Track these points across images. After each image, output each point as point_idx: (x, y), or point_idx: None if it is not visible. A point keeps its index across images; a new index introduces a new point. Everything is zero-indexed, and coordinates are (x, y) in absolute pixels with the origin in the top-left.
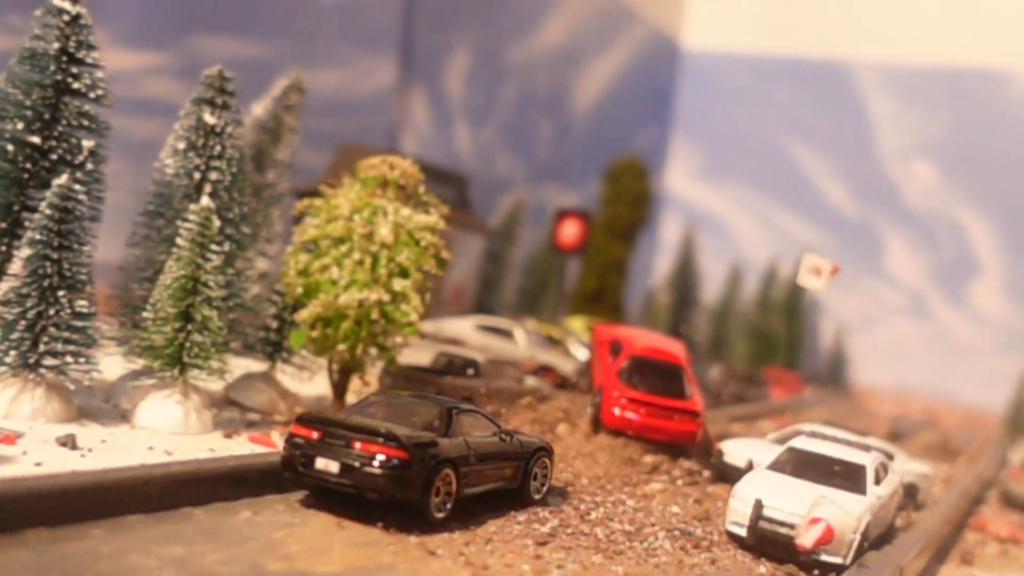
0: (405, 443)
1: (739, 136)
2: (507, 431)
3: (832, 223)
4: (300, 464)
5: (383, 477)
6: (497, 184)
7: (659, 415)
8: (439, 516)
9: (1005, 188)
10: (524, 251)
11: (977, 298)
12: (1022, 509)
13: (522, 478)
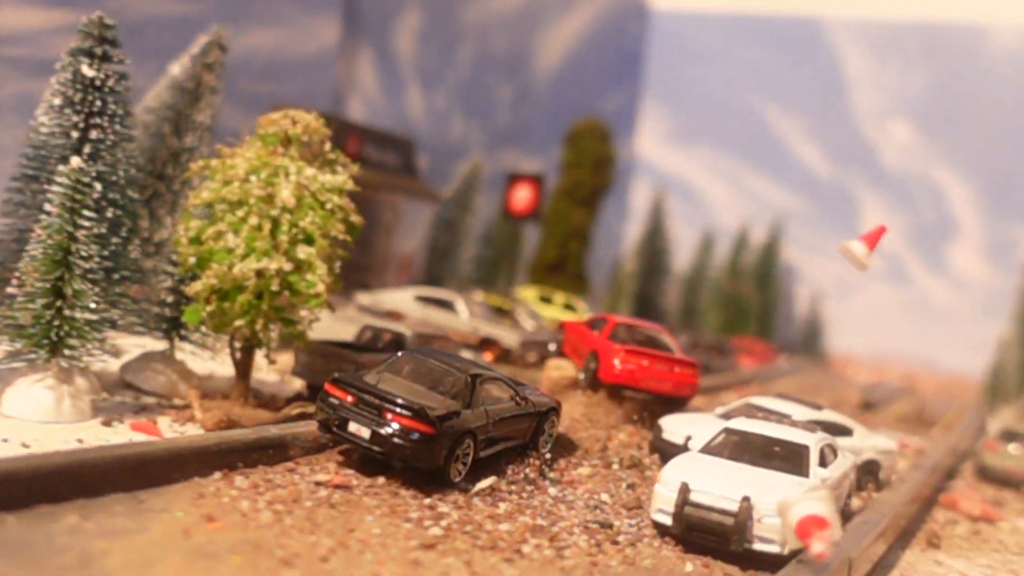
0: (432, 419)
1: (710, 98)
2: (523, 395)
3: (806, 186)
4: (335, 425)
5: (410, 449)
6: (453, 150)
7: (660, 366)
8: (456, 480)
9: (984, 146)
10: (481, 219)
11: (956, 261)
12: (998, 482)
13: (533, 435)
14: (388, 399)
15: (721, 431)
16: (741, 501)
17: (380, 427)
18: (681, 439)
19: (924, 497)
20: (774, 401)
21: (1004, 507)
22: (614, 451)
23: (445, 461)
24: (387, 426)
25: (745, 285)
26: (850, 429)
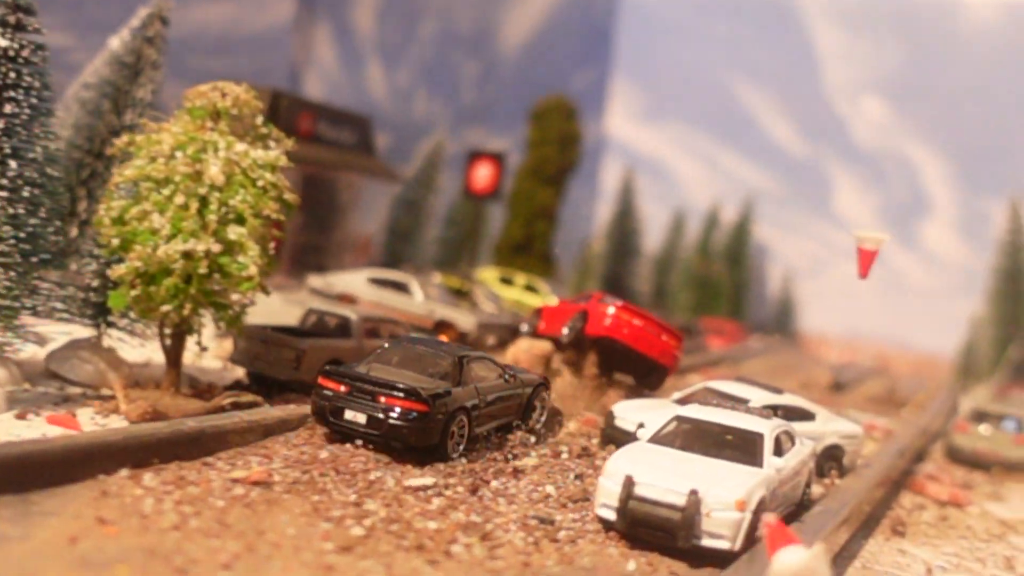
0: (424, 397)
1: (681, 75)
2: (511, 372)
3: (778, 163)
4: (330, 415)
5: (406, 428)
6: (417, 128)
7: (650, 329)
8: (454, 456)
9: (958, 122)
10: (445, 199)
11: (929, 239)
12: (968, 464)
13: (524, 412)
14: (381, 384)
15: (672, 419)
16: (689, 495)
17: (375, 411)
18: (633, 426)
19: (891, 481)
20: (733, 385)
21: (974, 490)
22: (565, 439)
23: (441, 438)
24: (382, 409)
25: (716, 265)
26: (812, 413)
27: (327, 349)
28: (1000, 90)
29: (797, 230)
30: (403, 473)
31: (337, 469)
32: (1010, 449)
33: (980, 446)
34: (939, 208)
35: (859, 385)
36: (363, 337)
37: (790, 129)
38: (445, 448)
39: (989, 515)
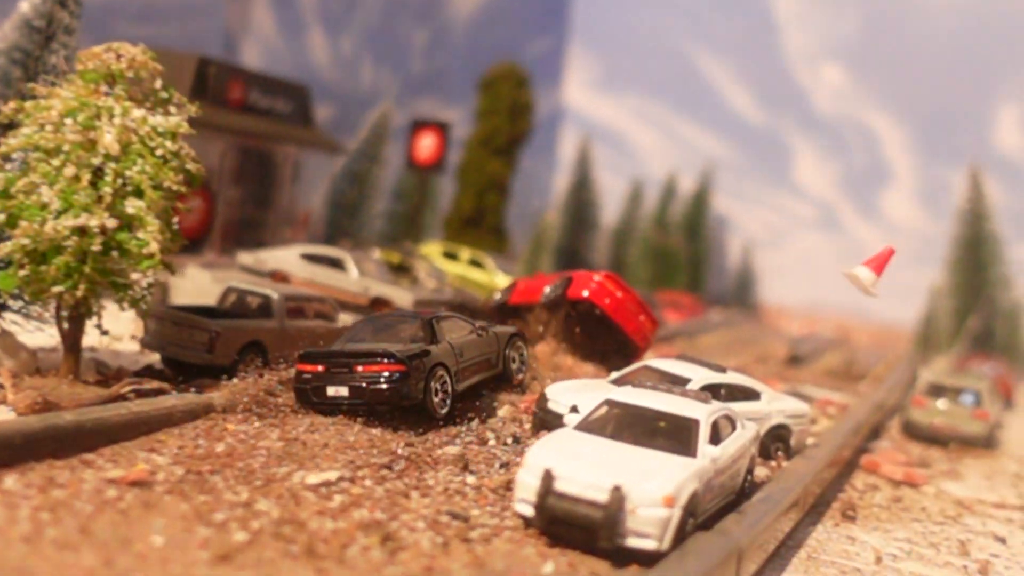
0: (400, 357)
1: (639, 43)
2: (482, 327)
3: (737, 132)
4: (313, 395)
5: (388, 390)
6: (363, 98)
7: (631, 305)
8: (443, 412)
9: (918, 89)
10: (392, 171)
11: (889, 207)
12: (925, 440)
13: (503, 364)
14: (356, 354)
15: (602, 403)
16: (612, 491)
17: (356, 382)
18: (566, 409)
19: (844, 461)
20: (674, 363)
21: (930, 467)
22: (496, 424)
23: (425, 397)
24: (362, 378)
25: (673, 237)
26: (756, 392)
27: (244, 331)
28: (961, 56)
29: (757, 200)
30: (308, 467)
31: (233, 464)
32: (968, 424)
33: (937, 421)
34: (899, 176)
35: (817, 358)
36: (286, 317)
37: (749, 98)
38: (430, 406)
39: (945, 495)
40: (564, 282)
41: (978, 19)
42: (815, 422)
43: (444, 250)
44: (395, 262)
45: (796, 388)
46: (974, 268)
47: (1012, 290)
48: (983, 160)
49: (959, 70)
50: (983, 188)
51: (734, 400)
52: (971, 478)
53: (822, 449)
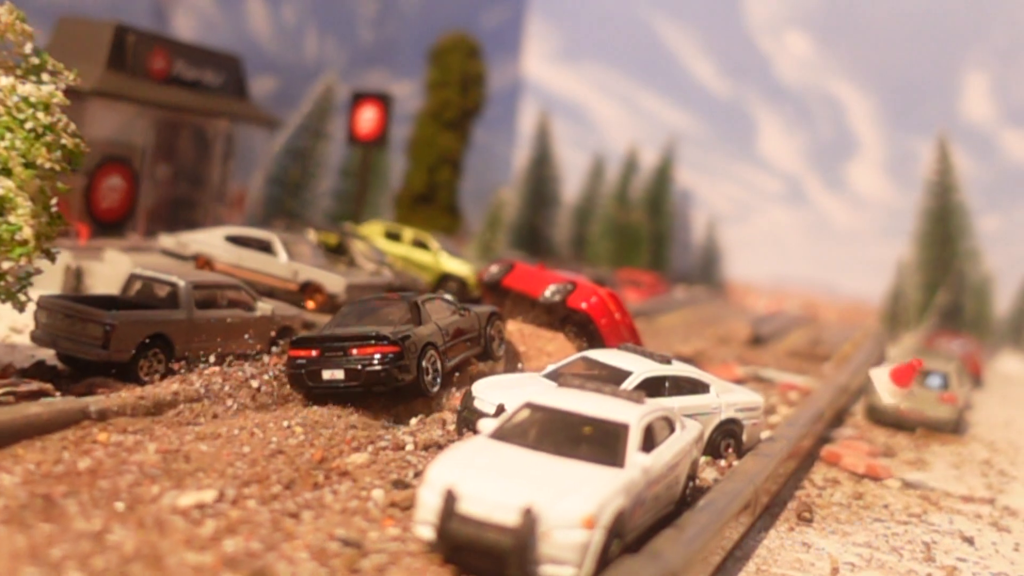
0: (394, 338)
1: (599, 12)
2: (463, 307)
3: (701, 104)
4: (309, 379)
5: (384, 371)
6: (307, 71)
7: (624, 328)
8: (434, 390)
9: (884, 57)
10: (339, 147)
11: (856, 179)
12: (890, 426)
13: (485, 343)
14: (350, 338)
15: (521, 406)
16: (522, 512)
17: (352, 364)
18: (492, 408)
19: (804, 451)
20: (614, 354)
21: (895, 457)
22: (415, 426)
23: (418, 376)
24: (357, 361)
25: (635, 213)
26: (705, 384)
27: (145, 323)
28: (928, 24)
29: (721, 174)
30: (186, 485)
31: (95, 484)
32: (935, 408)
33: (903, 406)
34: (866, 147)
35: (781, 337)
36: (195, 307)
37: (712, 68)
38: (423, 386)
39: (910, 488)
40: (566, 288)
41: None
42: (774, 412)
43: (386, 230)
44: (332, 244)
45: (757, 372)
46: (942, 241)
47: (981, 263)
48: (951, 130)
49: (926, 38)
50: (951, 158)
51: (680, 394)
52: (938, 467)
53: (777, 444)
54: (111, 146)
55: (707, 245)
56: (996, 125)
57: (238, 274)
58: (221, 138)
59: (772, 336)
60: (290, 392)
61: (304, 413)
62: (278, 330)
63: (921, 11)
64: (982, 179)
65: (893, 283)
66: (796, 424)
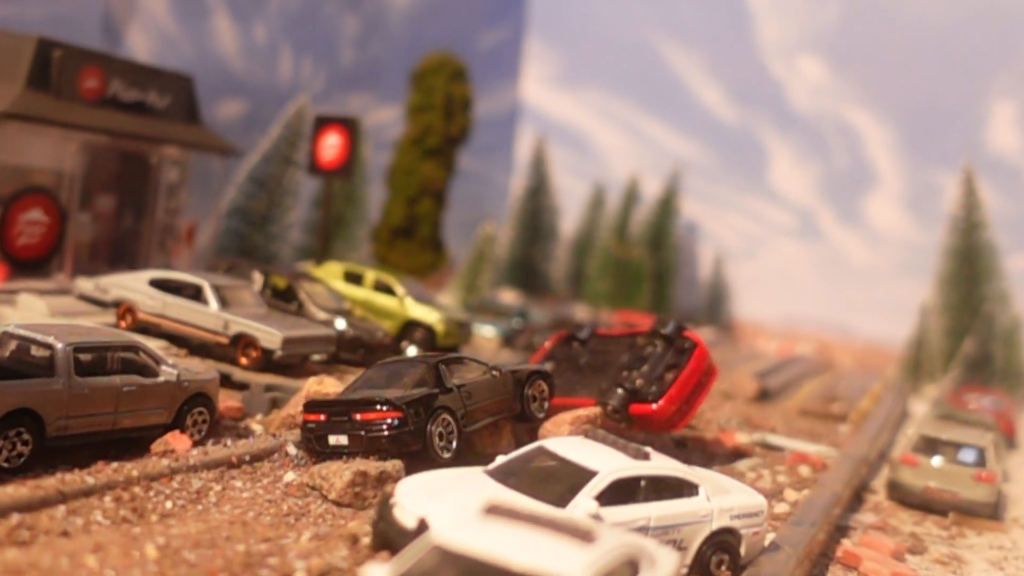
0: (398, 404)
1: (601, 35)
2: (497, 366)
3: (708, 131)
4: (317, 444)
5: (386, 437)
6: (280, 94)
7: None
8: (445, 456)
9: (903, 83)
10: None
11: (873, 213)
12: (917, 507)
13: (520, 404)
14: (354, 403)
15: (429, 548)
16: None
17: (354, 430)
18: (413, 520)
19: (817, 549)
20: (579, 445)
21: (924, 554)
22: (315, 544)
23: (425, 444)
24: (360, 426)
25: (636, 248)
26: (692, 485)
27: (5, 395)
28: (951, 48)
29: (729, 206)
30: None
31: None
32: (970, 488)
33: (932, 485)
34: (884, 180)
35: (792, 390)
36: (74, 374)
37: (721, 94)
38: (433, 450)
39: None
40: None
41: (970, 6)
42: (781, 497)
43: (346, 271)
44: (281, 287)
45: (764, 438)
46: (969, 282)
47: (1011, 307)
48: (976, 162)
49: (949, 63)
50: (977, 193)
51: (660, 498)
52: (976, 567)
53: (780, 558)
54: (30, 175)
55: (714, 282)
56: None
57: (163, 324)
58: (167, 166)
59: (781, 389)
60: (176, 498)
61: (177, 530)
62: (188, 398)
63: (944, 34)
64: (1010, 214)
65: (915, 328)
66: (805, 524)
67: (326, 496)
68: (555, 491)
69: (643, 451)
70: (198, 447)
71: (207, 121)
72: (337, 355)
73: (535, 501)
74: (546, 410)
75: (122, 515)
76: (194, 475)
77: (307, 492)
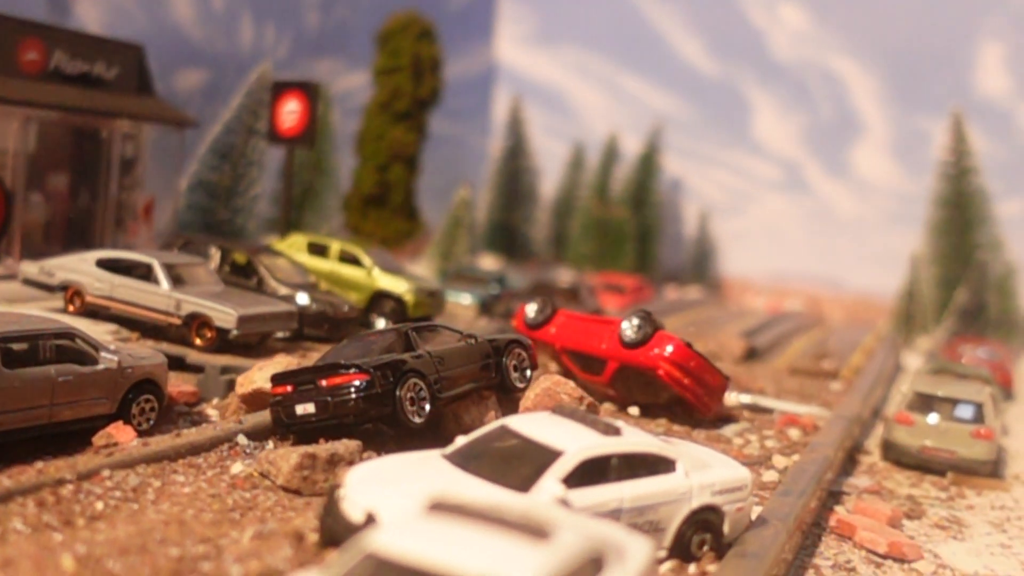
0: (363, 366)
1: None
2: (472, 334)
3: (689, 86)
4: (284, 416)
5: (354, 401)
6: (242, 62)
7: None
8: (416, 421)
9: (887, 28)
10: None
11: (861, 164)
12: (913, 467)
13: (500, 373)
14: (319, 369)
15: (360, 555)
16: None
17: (320, 396)
18: (361, 514)
19: (808, 518)
20: (545, 422)
21: (922, 518)
22: (256, 545)
23: (395, 407)
24: (326, 392)
25: (617, 207)
26: (669, 461)
27: None
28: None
29: (713, 161)
30: None
31: None
32: (968, 446)
33: (929, 444)
34: (871, 128)
35: (782, 348)
36: (0, 366)
37: (701, 46)
38: (404, 415)
39: (944, 572)
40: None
41: None
42: (769, 463)
43: (310, 243)
44: (241, 263)
45: (753, 400)
46: (960, 230)
47: (1004, 254)
48: (965, 107)
49: (935, 4)
50: (966, 138)
51: (634, 476)
52: (978, 530)
53: (767, 534)
54: None
55: (699, 239)
56: (1014, 100)
57: (113, 307)
58: (120, 140)
59: (770, 348)
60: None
61: (104, 535)
62: (133, 385)
63: None
64: (1001, 159)
65: (906, 279)
66: (794, 494)
67: (275, 482)
68: (519, 475)
69: (614, 426)
70: (144, 438)
71: (165, 93)
72: (301, 332)
73: (496, 488)
74: (528, 379)
75: (45, 521)
76: (131, 471)
77: (255, 484)
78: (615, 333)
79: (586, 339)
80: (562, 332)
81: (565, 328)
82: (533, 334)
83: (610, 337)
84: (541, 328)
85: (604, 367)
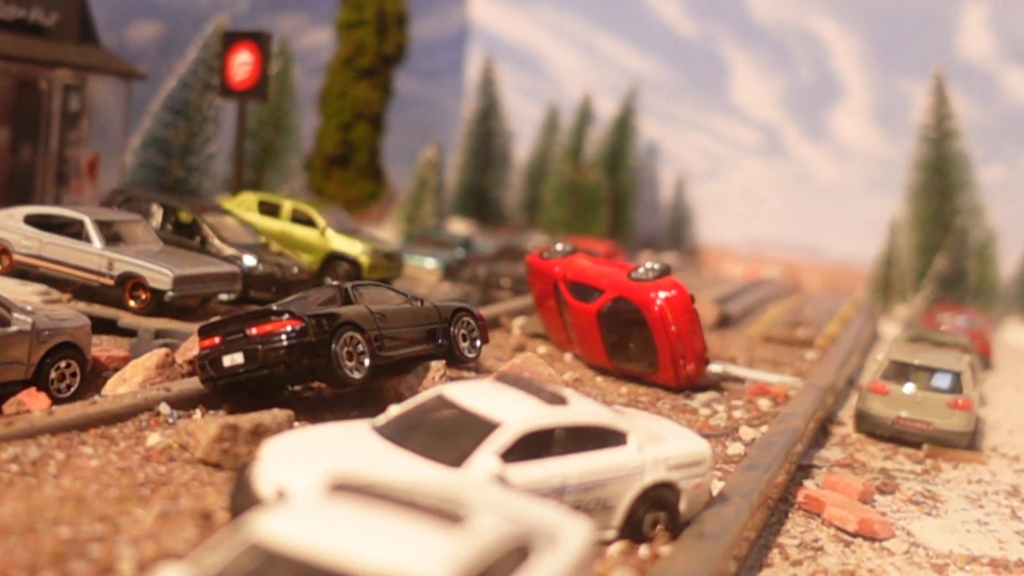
0: (297, 312)
1: None
2: (418, 296)
3: (666, 47)
4: (211, 368)
5: (284, 349)
6: (200, 15)
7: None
8: (355, 376)
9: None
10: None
11: (840, 128)
12: (887, 439)
13: (448, 341)
14: (248, 316)
15: (244, 545)
16: None
17: (250, 345)
18: (272, 490)
19: (776, 491)
20: (484, 390)
21: (895, 493)
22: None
23: (329, 360)
24: (256, 340)
25: (591, 171)
26: (619, 434)
27: None
28: None
29: (690, 124)
30: None
31: None
32: (945, 417)
33: (904, 415)
34: (851, 91)
35: (756, 316)
36: None
37: (678, 6)
38: (340, 369)
39: (918, 552)
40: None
41: None
42: (736, 435)
43: (260, 202)
44: (186, 222)
45: (724, 368)
46: (940, 195)
47: (984, 220)
48: (947, 69)
49: None
50: (948, 101)
51: (580, 450)
52: (953, 505)
53: (727, 512)
54: None
55: (676, 205)
56: (998, 62)
57: (42, 267)
58: (63, 92)
59: (744, 315)
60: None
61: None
62: (51, 349)
63: None
64: (983, 123)
65: (885, 245)
66: (760, 468)
67: (193, 454)
68: (453, 449)
69: (559, 395)
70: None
71: (116, 45)
72: (247, 295)
73: (427, 463)
74: (478, 349)
75: None
76: (33, 441)
77: (173, 456)
78: (623, 271)
79: (592, 273)
80: (568, 266)
81: (572, 263)
82: (540, 264)
83: (616, 274)
84: (551, 261)
85: (599, 297)
